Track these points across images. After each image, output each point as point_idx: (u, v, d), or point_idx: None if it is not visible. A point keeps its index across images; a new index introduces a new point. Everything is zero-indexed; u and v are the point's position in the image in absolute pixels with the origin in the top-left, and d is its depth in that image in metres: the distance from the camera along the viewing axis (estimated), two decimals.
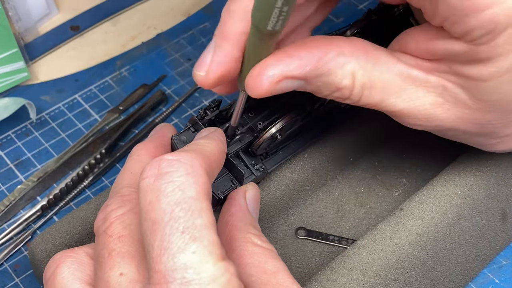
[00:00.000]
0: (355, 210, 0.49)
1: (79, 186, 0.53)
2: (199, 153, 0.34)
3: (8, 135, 0.57)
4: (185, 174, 0.32)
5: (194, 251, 0.31)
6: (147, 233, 0.32)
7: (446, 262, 0.44)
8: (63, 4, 0.67)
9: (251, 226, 0.39)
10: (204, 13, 0.67)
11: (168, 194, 0.32)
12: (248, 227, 0.39)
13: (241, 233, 0.38)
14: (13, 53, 0.58)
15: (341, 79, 0.38)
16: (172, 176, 0.32)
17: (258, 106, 0.45)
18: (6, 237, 0.50)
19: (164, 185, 0.32)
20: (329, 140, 0.49)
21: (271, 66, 0.37)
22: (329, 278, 0.41)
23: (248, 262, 0.36)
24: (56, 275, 0.36)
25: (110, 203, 0.37)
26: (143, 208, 0.32)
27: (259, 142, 0.44)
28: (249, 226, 0.39)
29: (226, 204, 0.41)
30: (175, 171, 0.32)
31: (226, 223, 0.39)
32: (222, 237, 0.39)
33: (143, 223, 0.32)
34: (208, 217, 0.32)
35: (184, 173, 0.32)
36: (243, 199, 0.41)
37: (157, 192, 0.32)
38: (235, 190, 0.42)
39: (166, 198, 0.32)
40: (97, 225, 0.36)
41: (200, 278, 0.30)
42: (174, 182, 0.32)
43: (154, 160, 0.33)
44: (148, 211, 0.32)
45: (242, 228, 0.39)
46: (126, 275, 0.34)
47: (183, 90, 0.60)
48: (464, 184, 0.45)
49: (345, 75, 0.38)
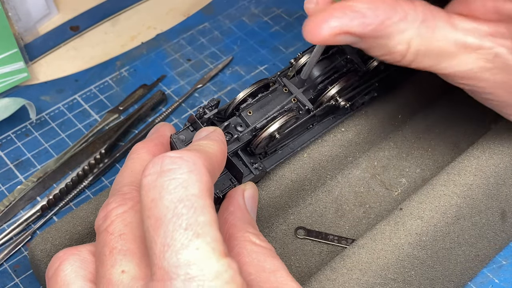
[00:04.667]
0: (354, 210, 0.49)
1: (79, 186, 0.53)
2: (202, 153, 0.34)
3: (8, 135, 0.57)
4: (187, 171, 0.32)
5: (197, 248, 0.31)
6: (149, 230, 0.32)
7: (445, 261, 0.44)
8: (63, 4, 0.67)
9: (250, 225, 0.39)
10: (203, 13, 0.67)
11: (171, 191, 0.32)
12: (247, 226, 0.39)
13: (240, 231, 0.38)
14: (13, 53, 0.58)
15: (396, 44, 0.38)
16: (175, 173, 0.32)
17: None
18: (6, 237, 0.50)
19: (167, 182, 0.32)
20: (329, 139, 0.49)
21: (335, 18, 0.37)
22: (329, 277, 0.41)
23: (246, 260, 0.36)
24: (59, 272, 0.36)
25: (111, 202, 0.37)
26: (146, 205, 0.32)
27: (258, 141, 0.44)
28: (247, 225, 0.39)
29: (224, 203, 0.41)
30: (177, 168, 0.32)
31: (225, 222, 0.39)
32: None
33: (146, 220, 0.32)
34: (211, 214, 0.32)
35: (187, 171, 0.32)
36: (242, 198, 0.41)
37: (160, 189, 0.32)
38: (233, 189, 0.42)
39: (169, 195, 0.32)
40: (98, 224, 0.36)
41: (203, 274, 0.30)
42: (177, 179, 0.32)
43: (157, 157, 0.33)
44: (151, 208, 0.32)
45: (241, 226, 0.39)
46: (128, 272, 0.34)
47: (183, 90, 0.60)
48: (464, 184, 0.45)
49: (401, 41, 0.38)
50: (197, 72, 0.61)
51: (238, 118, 0.45)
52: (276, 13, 0.66)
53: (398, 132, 0.53)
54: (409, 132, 0.53)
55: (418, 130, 0.53)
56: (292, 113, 0.45)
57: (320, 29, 0.37)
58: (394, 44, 0.38)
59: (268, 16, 0.66)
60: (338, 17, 0.37)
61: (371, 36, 0.38)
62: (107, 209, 0.36)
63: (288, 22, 0.65)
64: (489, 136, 0.48)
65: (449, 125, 0.53)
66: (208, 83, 0.60)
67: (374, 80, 0.49)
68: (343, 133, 0.50)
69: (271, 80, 0.47)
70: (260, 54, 0.63)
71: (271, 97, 0.46)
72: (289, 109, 0.45)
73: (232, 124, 0.44)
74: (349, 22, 0.37)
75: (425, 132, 0.53)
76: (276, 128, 0.44)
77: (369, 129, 0.51)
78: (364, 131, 0.50)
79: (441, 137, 0.52)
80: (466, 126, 0.53)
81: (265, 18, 0.66)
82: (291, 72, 0.47)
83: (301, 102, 0.46)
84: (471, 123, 0.53)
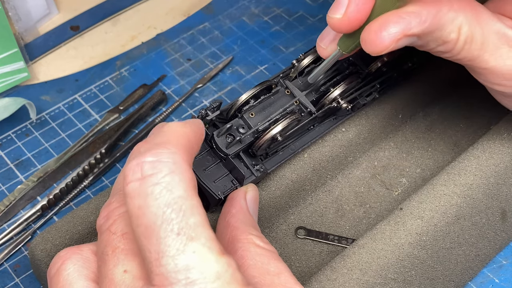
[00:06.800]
0: (354, 210, 0.49)
1: (79, 186, 0.53)
2: (176, 144, 0.33)
3: (8, 135, 0.57)
4: (169, 173, 0.32)
5: (194, 251, 0.31)
6: (141, 238, 0.32)
7: (445, 261, 0.44)
8: (63, 4, 0.67)
9: (252, 227, 0.39)
10: (203, 13, 0.67)
11: (156, 197, 0.31)
12: (250, 228, 0.39)
13: (243, 234, 0.38)
14: (13, 53, 0.58)
15: (449, 33, 0.39)
16: (157, 178, 0.32)
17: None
18: (6, 237, 0.50)
19: (151, 187, 0.31)
20: (329, 140, 0.49)
21: (393, 24, 0.38)
22: (329, 277, 0.41)
23: (250, 263, 0.36)
24: (61, 271, 0.36)
25: (113, 201, 0.37)
26: (133, 213, 0.32)
27: (260, 143, 0.44)
28: (250, 228, 0.39)
29: (226, 205, 0.41)
30: (158, 172, 0.32)
31: (227, 224, 0.39)
32: (224, 238, 0.39)
33: (136, 229, 0.32)
34: (200, 214, 0.32)
35: (168, 172, 0.32)
36: (244, 200, 0.41)
37: (144, 196, 0.31)
38: (235, 191, 0.42)
39: (155, 201, 0.31)
40: (100, 223, 0.36)
41: (204, 277, 0.30)
42: (161, 184, 0.31)
43: (135, 163, 0.32)
44: (139, 216, 0.32)
45: (244, 229, 0.38)
46: (130, 272, 0.34)
47: (183, 90, 0.60)
48: (464, 183, 0.45)
49: (453, 29, 0.39)
50: (197, 72, 0.61)
51: (240, 120, 0.45)
52: (276, 13, 0.66)
53: (398, 132, 0.53)
54: (409, 132, 0.53)
55: (418, 130, 0.53)
56: (294, 116, 0.45)
57: (381, 38, 0.38)
58: (447, 34, 0.39)
59: (268, 16, 0.66)
60: (396, 22, 0.38)
61: (427, 32, 0.39)
62: (108, 209, 0.36)
63: (288, 22, 0.65)
64: (489, 136, 0.48)
65: (449, 125, 0.53)
66: (208, 83, 0.60)
67: (376, 82, 0.49)
68: (343, 133, 0.50)
69: (274, 82, 0.46)
70: (260, 54, 0.63)
71: (273, 99, 0.46)
72: (292, 111, 0.45)
73: (234, 126, 0.44)
74: (408, 24, 0.38)
75: (425, 132, 0.53)
76: (278, 130, 0.44)
77: (370, 129, 0.51)
78: (364, 131, 0.50)
79: (441, 137, 0.52)
80: (466, 126, 0.53)
81: (265, 18, 0.66)
82: (293, 73, 0.47)
83: (303, 105, 0.46)
84: (471, 123, 0.53)
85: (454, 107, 0.54)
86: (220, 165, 0.45)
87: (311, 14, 0.66)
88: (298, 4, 0.67)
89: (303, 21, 0.65)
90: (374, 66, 0.48)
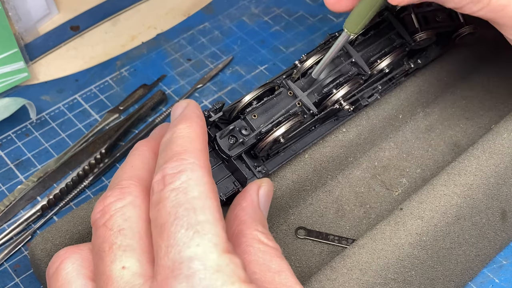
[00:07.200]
0: (355, 210, 0.49)
1: (79, 186, 0.53)
2: (191, 150, 0.35)
3: (8, 135, 0.57)
4: (186, 180, 0.34)
5: (198, 244, 0.31)
6: (156, 238, 0.33)
7: (446, 261, 0.44)
8: (63, 4, 0.67)
9: (260, 223, 0.39)
10: (204, 13, 0.67)
11: (172, 199, 0.33)
12: (257, 224, 0.39)
13: (249, 229, 0.38)
14: (13, 53, 0.58)
15: None
16: (174, 184, 0.34)
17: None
18: (6, 237, 0.50)
19: (168, 192, 0.33)
20: (330, 140, 0.49)
21: None
22: (329, 277, 0.41)
23: (252, 259, 0.36)
24: (60, 270, 0.36)
25: (109, 195, 0.36)
26: (152, 217, 0.34)
27: (263, 145, 0.44)
28: (257, 223, 0.39)
29: (238, 197, 0.41)
30: (176, 180, 0.34)
31: (235, 217, 0.39)
32: (229, 230, 0.39)
33: (153, 231, 0.34)
34: (213, 213, 0.33)
35: (185, 179, 0.34)
36: (256, 195, 0.41)
37: (163, 200, 0.33)
38: (250, 184, 0.42)
39: (171, 202, 0.33)
40: (95, 218, 0.36)
41: (205, 268, 0.31)
42: (178, 189, 0.33)
43: (160, 176, 0.34)
44: (156, 218, 0.33)
45: (251, 224, 0.38)
46: (129, 269, 0.34)
47: (183, 90, 0.60)
48: (464, 184, 0.45)
49: None
50: (197, 72, 0.61)
51: (243, 122, 0.45)
52: (276, 13, 0.66)
53: (398, 132, 0.53)
54: (409, 133, 0.53)
55: (418, 130, 0.53)
56: (297, 118, 0.45)
57: None
58: None
59: (268, 16, 0.66)
60: None
61: None
62: (104, 203, 0.36)
63: (288, 22, 0.65)
64: (489, 136, 0.48)
65: (449, 125, 0.53)
66: (208, 83, 0.60)
67: (378, 83, 0.49)
68: (344, 134, 0.50)
69: (277, 84, 0.46)
70: (260, 54, 0.63)
71: (276, 100, 0.46)
72: (294, 113, 0.45)
73: (237, 128, 0.44)
74: None
75: (425, 132, 0.53)
76: (281, 133, 0.44)
77: (370, 130, 0.51)
78: (364, 132, 0.50)
79: (441, 137, 0.52)
80: (466, 126, 0.53)
81: (265, 18, 0.66)
82: (295, 74, 0.47)
83: (305, 106, 0.46)
84: (471, 123, 0.53)
85: (454, 107, 0.54)
86: (222, 166, 0.45)
87: (311, 14, 0.66)
88: (298, 4, 0.67)
89: (303, 21, 0.65)
90: (377, 67, 0.48)
